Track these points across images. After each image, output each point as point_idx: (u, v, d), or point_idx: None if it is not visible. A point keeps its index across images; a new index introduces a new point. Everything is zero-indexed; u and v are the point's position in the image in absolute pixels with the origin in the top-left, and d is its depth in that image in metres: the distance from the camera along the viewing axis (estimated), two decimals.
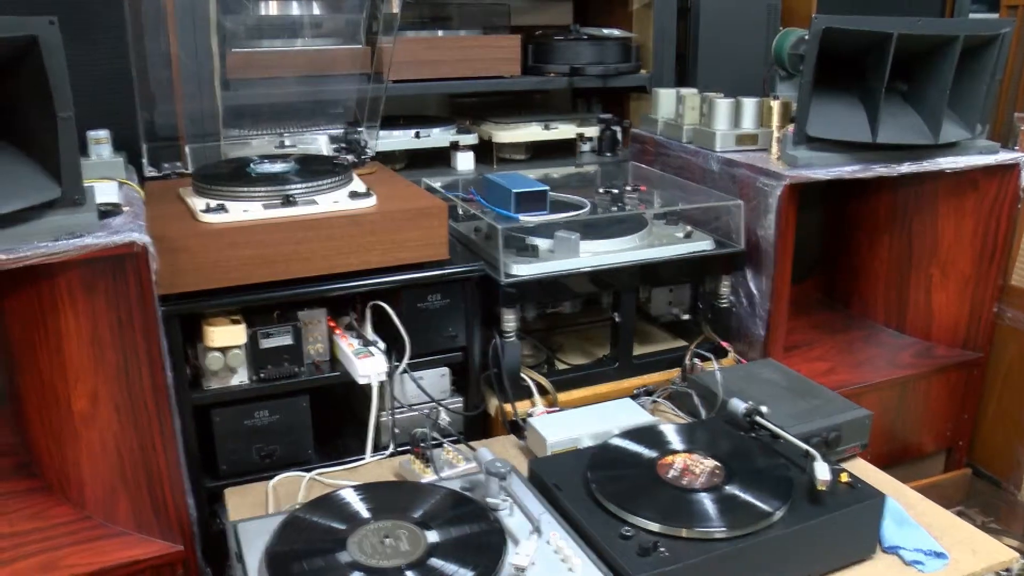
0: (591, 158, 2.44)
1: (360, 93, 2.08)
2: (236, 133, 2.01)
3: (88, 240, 1.23)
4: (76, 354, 1.32)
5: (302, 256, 1.51)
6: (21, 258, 1.19)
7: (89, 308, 1.30)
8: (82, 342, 1.32)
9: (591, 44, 2.41)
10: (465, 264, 1.64)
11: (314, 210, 1.55)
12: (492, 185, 1.85)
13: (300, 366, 1.56)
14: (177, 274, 1.43)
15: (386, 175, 1.90)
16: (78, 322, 1.31)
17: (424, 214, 1.59)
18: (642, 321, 1.96)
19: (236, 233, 1.47)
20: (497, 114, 2.43)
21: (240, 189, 1.59)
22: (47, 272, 1.26)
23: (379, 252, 1.56)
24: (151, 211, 1.45)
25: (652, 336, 1.97)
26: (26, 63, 1.18)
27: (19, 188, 1.21)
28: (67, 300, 1.30)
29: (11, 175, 1.22)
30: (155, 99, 1.90)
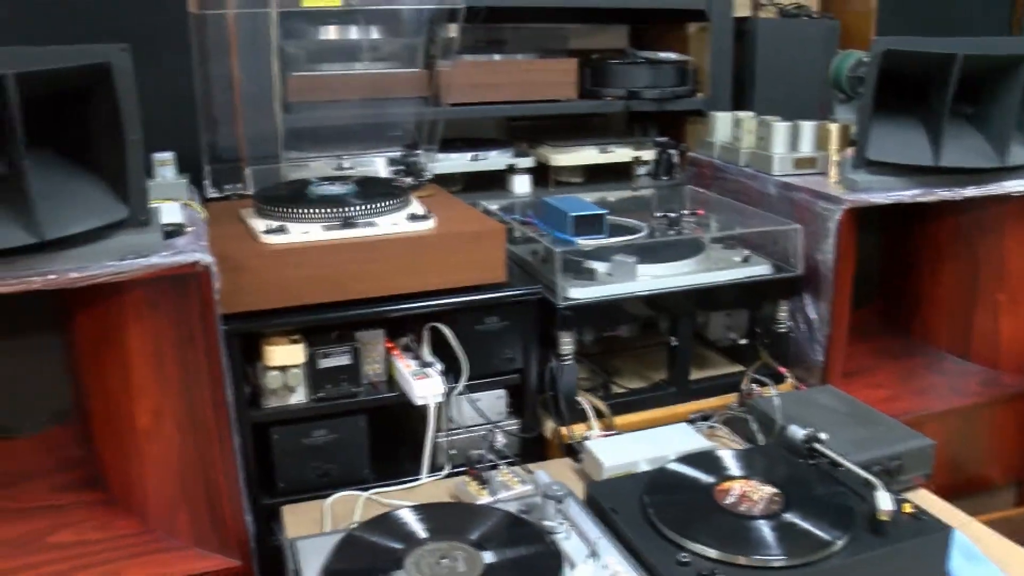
0: (647, 182, 2.43)
1: (418, 116, 2.10)
2: (296, 155, 2.04)
3: (153, 260, 1.26)
4: (140, 371, 1.35)
5: (361, 277, 1.53)
6: (90, 276, 1.22)
7: (153, 326, 1.33)
8: (146, 359, 1.34)
9: (647, 68, 2.41)
10: (522, 287, 1.65)
11: (373, 232, 1.57)
12: (550, 208, 1.86)
13: (358, 386, 1.58)
14: (238, 293, 1.45)
15: (444, 198, 1.91)
16: (143, 339, 1.33)
17: (482, 237, 1.60)
18: (699, 345, 1.95)
19: (296, 254, 1.50)
20: (554, 137, 2.43)
21: (300, 210, 1.61)
22: (114, 290, 1.29)
23: (437, 274, 1.57)
24: (213, 231, 1.48)
25: (709, 360, 1.96)
26: (98, 88, 1.21)
27: (89, 208, 1.24)
28: (132, 318, 1.32)
29: (81, 196, 1.25)
30: (217, 122, 1.94)
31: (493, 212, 1.99)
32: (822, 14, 2.66)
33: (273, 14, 1.90)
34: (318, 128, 2.08)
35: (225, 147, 1.96)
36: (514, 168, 2.30)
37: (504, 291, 1.63)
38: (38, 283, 1.19)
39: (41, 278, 1.19)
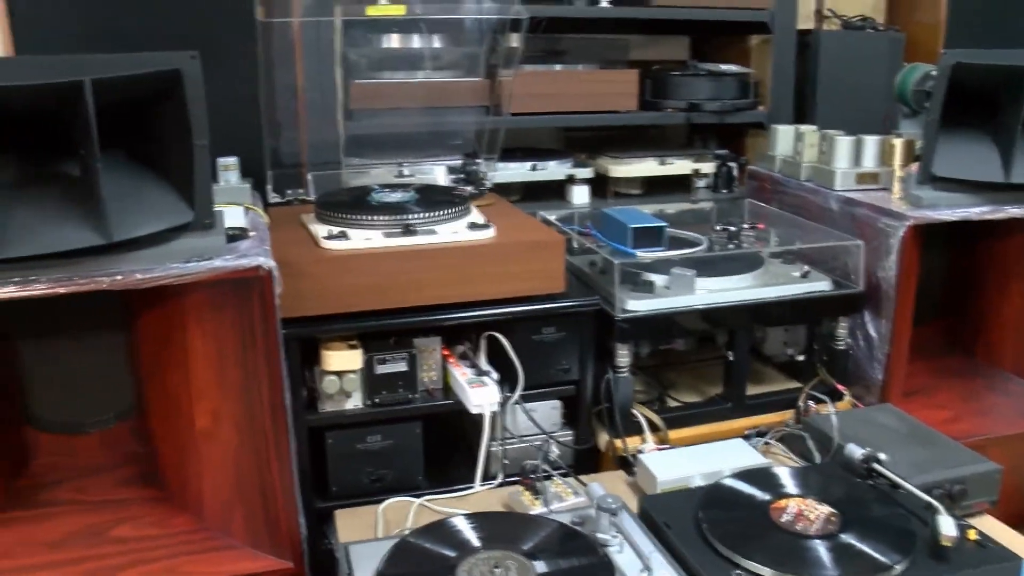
0: (707, 195, 2.41)
1: (479, 125, 2.11)
2: (357, 162, 2.06)
3: (217, 263, 1.27)
4: (201, 372, 1.36)
5: (420, 285, 1.54)
6: (155, 278, 1.24)
7: (215, 328, 1.34)
8: (207, 361, 1.36)
9: (709, 80, 2.39)
10: (580, 298, 1.65)
11: (433, 240, 1.58)
12: (609, 220, 1.85)
13: (414, 393, 1.58)
14: (298, 298, 1.46)
15: (503, 207, 1.92)
16: (204, 341, 1.35)
17: (541, 247, 1.60)
18: (756, 361, 1.93)
19: (357, 260, 1.51)
20: (613, 148, 2.43)
21: (361, 217, 1.63)
22: (177, 292, 1.31)
23: (496, 283, 1.57)
24: (275, 236, 1.50)
25: (766, 376, 1.93)
26: (168, 94, 1.24)
27: (155, 211, 1.27)
28: (195, 320, 1.34)
29: (148, 199, 1.27)
30: (280, 127, 1.97)
31: (552, 222, 1.99)
32: (888, 26, 2.63)
33: (338, 22, 1.92)
34: (379, 135, 2.10)
35: (287, 153, 1.99)
36: (573, 179, 2.31)
37: (562, 302, 1.63)
38: (105, 283, 1.21)
39: (108, 278, 1.22)
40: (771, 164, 2.19)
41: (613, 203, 2.32)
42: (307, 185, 1.95)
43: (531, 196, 2.32)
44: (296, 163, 2.01)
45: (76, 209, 1.20)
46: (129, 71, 1.18)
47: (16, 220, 1.18)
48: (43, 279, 1.19)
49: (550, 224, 1.96)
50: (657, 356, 1.90)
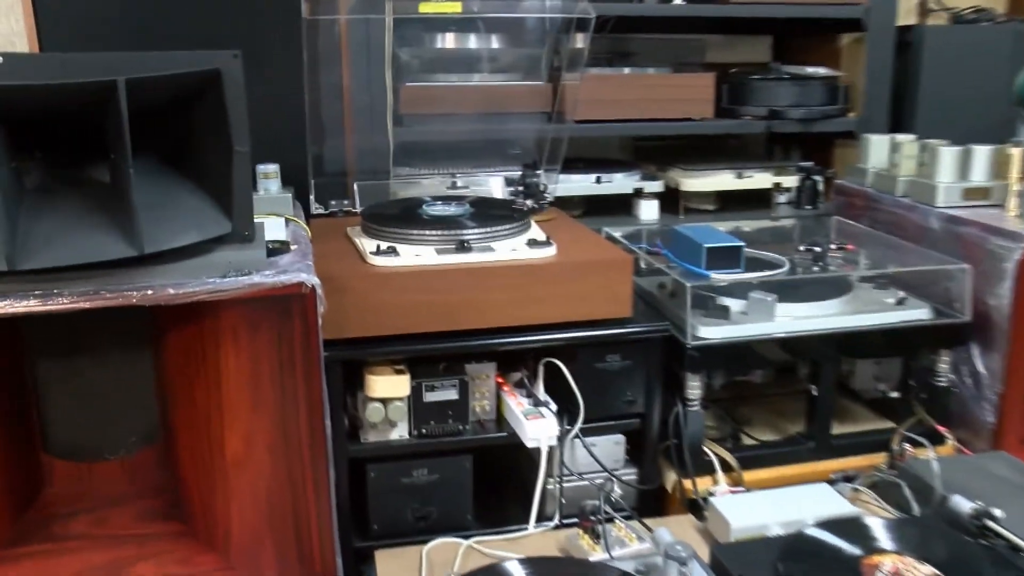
0: (788, 211, 2.38)
1: (540, 133, 2.10)
2: (407, 171, 2.07)
3: (256, 278, 1.27)
4: (234, 393, 1.37)
5: (474, 306, 1.53)
6: (189, 293, 1.24)
7: (251, 347, 1.35)
8: (241, 382, 1.36)
9: (792, 84, 2.37)
10: (648, 323, 1.63)
11: (490, 258, 1.57)
12: (681, 238, 1.83)
13: (464, 424, 1.58)
14: (342, 318, 1.47)
15: (565, 223, 1.91)
16: (239, 361, 1.35)
17: (607, 267, 1.58)
18: (843, 396, 1.90)
19: (407, 278, 1.51)
20: (685, 159, 2.41)
21: (412, 232, 1.63)
22: (212, 308, 1.32)
23: (556, 306, 1.56)
24: (317, 250, 1.50)
25: (854, 414, 1.90)
26: (206, 96, 1.24)
27: (190, 221, 1.27)
28: (230, 338, 1.35)
29: (183, 208, 1.28)
30: (325, 133, 1.98)
31: (617, 240, 1.98)
32: (1010, 17, 2.55)
33: (388, 20, 1.94)
34: (431, 143, 2.11)
35: (332, 160, 2.00)
36: (641, 192, 2.29)
37: (628, 327, 1.61)
38: (135, 298, 1.22)
39: (138, 293, 1.22)
40: (862, 178, 2.16)
41: (685, 220, 2.30)
42: (353, 196, 1.96)
43: (595, 211, 2.31)
44: (341, 172, 2.02)
45: (105, 218, 1.21)
46: (165, 71, 1.19)
47: (40, 228, 1.19)
48: (67, 292, 1.20)
49: (616, 242, 1.95)
50: (732, 388, 1.87)
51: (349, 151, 2.04)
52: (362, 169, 2.02)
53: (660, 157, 2.48)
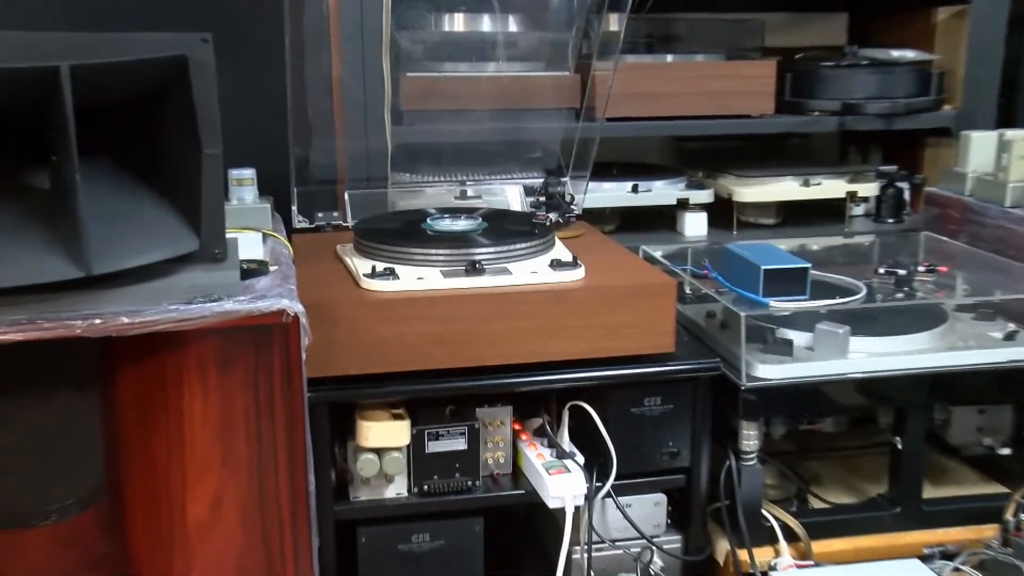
0: (866, 225, 2.38)
1: (566, 133, 2.11)
2: (407, 178, 2.08)
3: (229, 305, 1.28)
4: (200, 444, 1.37)
5: (488, 339, 1.53)
6: (147, 323, 1.24)
7: (222, 389, 1.35)
8: (208, 430, 1.36)
9: (872, 72, 2.37)
10: (694, 360, 1.63)
11: (507, 281, 1.58)
12: (733, 258, 1.84)
13: (475, 479, 1.58)
14: (331, 352, 1.47)
15: (596, 240, 1.92)
16: (206, 405, 1.36)
17: (646, 293, 1.59)
18: (937, 451, 1.89)
19: (408, 305, 1.51)
20: (740, 164, 2.42)
21: (415, 251, 1.64)
22: (175, 341, 1.32)
23: (585, 339, 1.57)
24: (302, 272, 1.51)
25: (952, 474, 1.89)
26: (171, 88, 1.25)
27: (150, 237, 1.28)
28: (195, 377, 1.35)
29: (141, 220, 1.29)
30: (311, 133, 1.99)
31: (658, 260, 1.98)
32: None
33: None
34: (436, 144, 2.12)
35: (319, 165, 2.01)
36: (687, 204, 2.30)
37: (670, 364, 1.61)
38: (79, 328, 1.22)
39: (84, 322, 1.22)
40: (960, 184, 2.16)
41: (739, 236, 2.30)
42: (343, 207, 1.98)
43: (631, 226, 2.32)
44: (330, 179, 2.04)
45: (46, 232, 1.21)
46: (121, 56, 1.19)
47: None
48: None
49: (656, 263, 1.96)
50: (796, 440, 1.87)
51: (339, 154, 2.05)
52: (355, 176, 2.03)
53: (710, 161, 2.48)
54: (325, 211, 1.99)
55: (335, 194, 2.03)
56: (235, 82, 1.88)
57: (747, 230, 2.35)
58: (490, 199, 2.06)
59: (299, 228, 1.93)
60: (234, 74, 1.87)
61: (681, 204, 2.30)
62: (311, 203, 1.97)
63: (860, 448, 1.94)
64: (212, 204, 1.30)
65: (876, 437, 1.89)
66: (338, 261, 1.71)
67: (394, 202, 2.02)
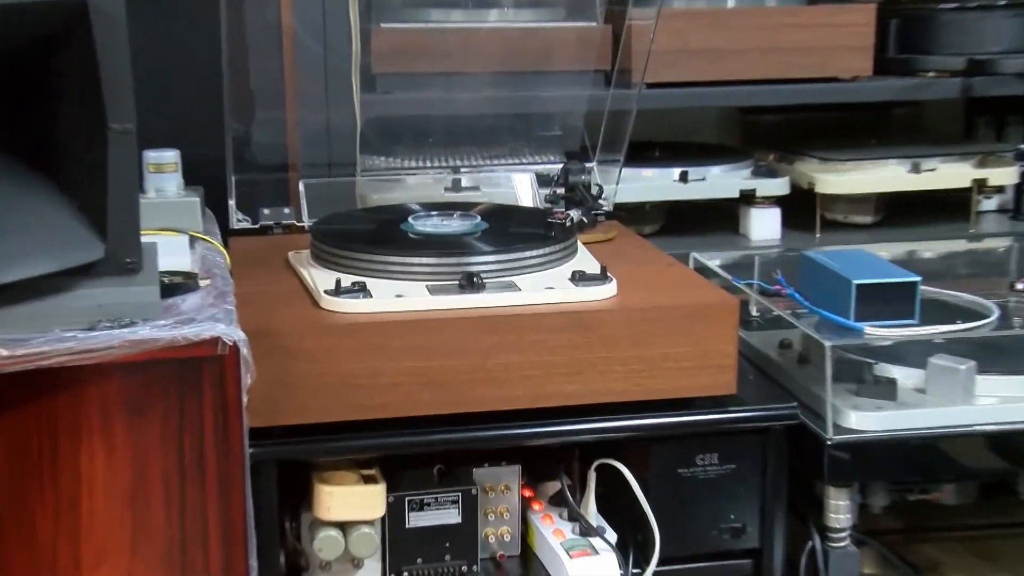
0: (1000, 224, 2.39)
1: (593, 103, 2.12)
2: (382, 163, 2.09)
3: (144, 332, 1.28)
4: (101, 517, 1.36)
5: (489, 377, 1.54)
6: (32, 356, 1.24)
7: (133, 443, 1.35)
8: (113, 498, 1.36)
9: (1008, 17, 2.37)
10: (763, 405, 1.65)
11: (514, 300, 1.58)
12: (816, 269, 1.85)
13: (471, 563, 1.59)
14: (281, 395, 1.47)
15: (632, 245, 1.93)
16: (111, 463, 1.36)
17: (699, 315, 1.59)
18: None
19: (383, 332, 1.51)
20: (826, 143, 2.42)
21: (393, 259, 1.64)
22: (70, 380, 1.32)
23: (618, 377, 1.57)
24: (242, 287, 1.51)
25: None
26: (66, 45, 1.26)
27: (41, 242, 1.28)
28: (98, 428, 1.35)
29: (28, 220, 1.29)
30: (253, 103, 2.01)
31: (714, 272, 1.99)
32: None
33: None
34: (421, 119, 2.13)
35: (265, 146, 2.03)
36: (752, 196, 2.31)
37: (732, 410, 1.62)
38: None
39: None
40: None
41: (824, 240, 2.32)
42: (298, 201, 1.99)
43: (679, 226, 2.33)
44: (279, 164, 2.05)
45: None
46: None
47: None
48: None
49: (710, 275, 1.97)
50: (905, 514, 1.88)
51: (291, 131, 2.06)
52: (312, 160, 2.04)
53: (784, 140, 2.49)
54: (273, 207, 2.00)
55: (286, 184, 2.04)
56: (153, 37, 1.90)
57: (835, 231, 2.36)
58: (492, 191, 2.07)
59: (239, 229, 1.94)
60: (152, 26, 1.89)
61: (746, 197, 2.32)
62: (254, 196, 1.98)
63: (993, 527, 1.94)
64: (122, 197, 1.30)
65: (1014, 513, 1.89)
66: (291, 273, 1.72)
67: (365, 195, 2.03)
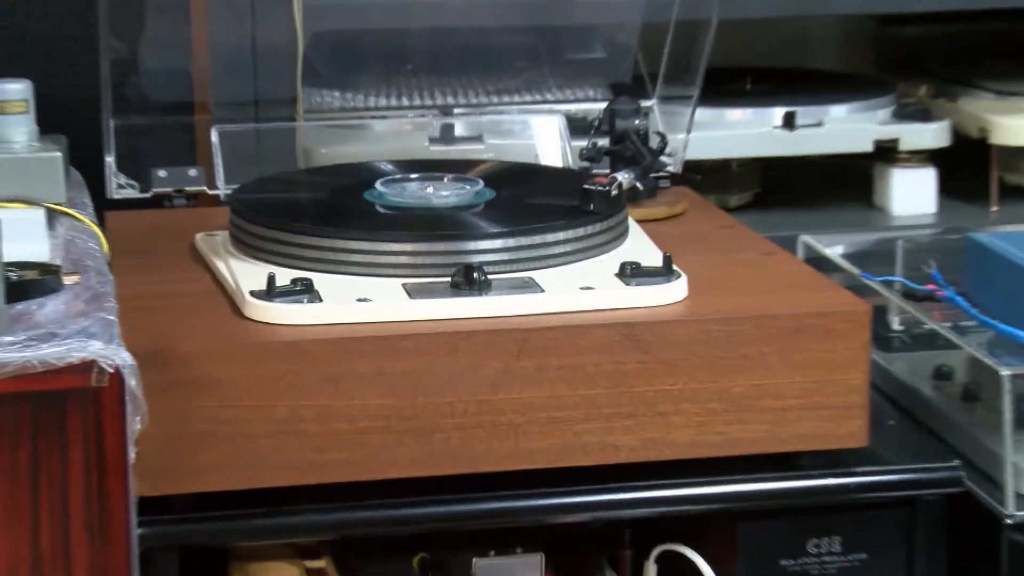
0: None
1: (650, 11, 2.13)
2: (336, 100, 2.10)
3: None
4: None
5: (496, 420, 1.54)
6: None
7: None
8: None
9: None
10: (908, 465, 1.66)
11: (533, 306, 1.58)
12: (989, 259, 1.85)
13: None
14: (188, 449, 1.48)
15: (710, 223, 1.95)
16: None
17: (811, 331, 1.60)
18: None
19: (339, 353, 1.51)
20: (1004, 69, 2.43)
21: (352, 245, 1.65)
22: None
23: (687, 421, 1.58)
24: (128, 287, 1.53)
25: None
26: None
27: None
28: None
29: None
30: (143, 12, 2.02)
31: (833, 262, 2.00)
32: None
33: None
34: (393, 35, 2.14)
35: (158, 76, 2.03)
36: (894, 151, 2.32)
37: (862, 472, 1.64)
38: None
39: None
40: None
41: (1002, 216, 2.34)
42: (209, 158, 1.99)
43: (782, 195, 2.34)
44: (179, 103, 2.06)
45: None
46: None
47: None
48: None
49: (829, 269, 1.98)
50: None
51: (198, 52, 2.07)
52: (230, 97, 2.05)
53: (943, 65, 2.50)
54: (172, 166, 2.00)
55: (191, 133, 2.05)
56: None
57: (1020, 203, 2.37)
58: (500, 143, 2.08)
59: (121, 200, 1.95)
60: None
61: (884, 152, 2.34)
62: (143, 150, 1.99)
63: None
64: None
65: None
66: (201, 266, 1.73)
67: (310, 149, 2.04)
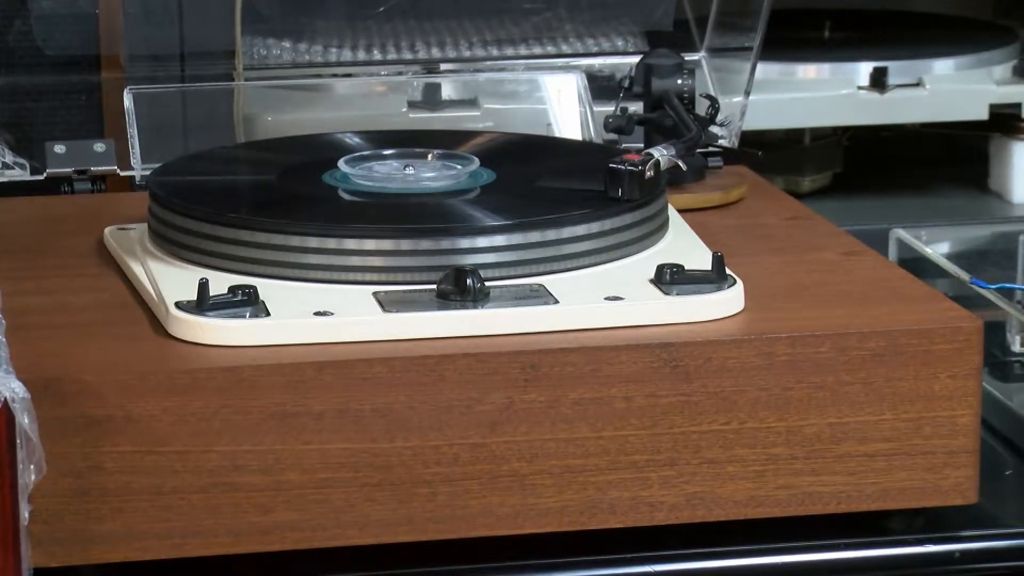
0: None
1: None
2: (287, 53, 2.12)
3: None
4: None
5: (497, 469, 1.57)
6: None
7: None
8: None
9: None
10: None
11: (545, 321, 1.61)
12: None
13: None
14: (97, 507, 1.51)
15: (775, 213, 1.97)
16: None
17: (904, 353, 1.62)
18: None
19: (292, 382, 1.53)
20: None
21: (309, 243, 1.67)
22: None
23: (745, 469, 1.61)
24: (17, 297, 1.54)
25: None
26: None
27: None
28: None
29: None
30: None
31: (935, 264, 2.01)
32: None
33: None
34: None
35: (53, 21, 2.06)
36: (1016, 120, 2.32)
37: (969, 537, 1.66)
38: None
39: None
40: None
41: None
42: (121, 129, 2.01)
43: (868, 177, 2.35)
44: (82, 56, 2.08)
45: None
46: None
47: None
48: None
49: (930, 272, 1.99)
50: None
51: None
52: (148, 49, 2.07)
53: None
54: (72, 139, 2.02)
55: (98, 96, 2.06)
56: None
57: None
58: (502, 108, 2.10)
59: (6, 183, 1.97)
60: None
61: (1002, 120, 2.35)
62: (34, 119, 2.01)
63: None
64: None
65: None
66: (112, 269, 1.75)
67: (253, 116, 2.05)
